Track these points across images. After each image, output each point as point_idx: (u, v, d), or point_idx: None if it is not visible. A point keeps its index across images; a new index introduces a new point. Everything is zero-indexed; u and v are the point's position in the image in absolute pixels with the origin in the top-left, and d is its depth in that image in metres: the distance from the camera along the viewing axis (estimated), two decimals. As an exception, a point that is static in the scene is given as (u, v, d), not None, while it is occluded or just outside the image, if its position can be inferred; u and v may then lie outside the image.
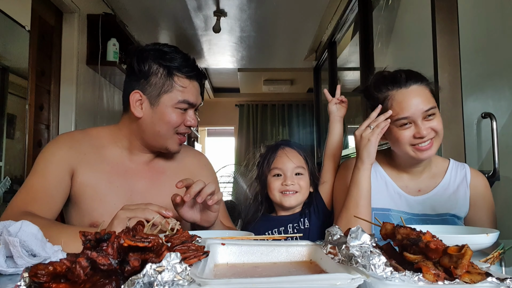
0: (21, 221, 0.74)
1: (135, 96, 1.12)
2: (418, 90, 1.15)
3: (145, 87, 1.12)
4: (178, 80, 1.12)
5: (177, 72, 1.12)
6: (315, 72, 5.00)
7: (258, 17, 3.70)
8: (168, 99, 1.11)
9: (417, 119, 1.13)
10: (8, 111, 2.07)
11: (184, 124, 1.14)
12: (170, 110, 1.11)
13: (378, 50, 2.77)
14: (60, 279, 0.51)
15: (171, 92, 1.11)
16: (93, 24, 3.01)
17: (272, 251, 0.74)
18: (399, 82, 1.16)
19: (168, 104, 1.11)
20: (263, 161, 1.36)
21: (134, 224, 0.83)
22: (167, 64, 1.11)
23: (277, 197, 1.31)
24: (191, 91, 1.14)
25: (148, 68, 1.11)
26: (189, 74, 1.13)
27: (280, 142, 1.40)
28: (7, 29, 2.04)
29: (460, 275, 0.54)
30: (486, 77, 1.63)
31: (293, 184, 1.29)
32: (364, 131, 1.14)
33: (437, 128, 1.14)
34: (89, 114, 3.04)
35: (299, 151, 1.35)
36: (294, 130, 6.94)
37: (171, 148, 1.16)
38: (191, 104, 1.13)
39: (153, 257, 0.54)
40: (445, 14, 1.80)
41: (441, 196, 1.23)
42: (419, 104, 1.12)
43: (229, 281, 0.51)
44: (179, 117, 1.12)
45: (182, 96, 1.11)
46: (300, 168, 1.32)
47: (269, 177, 1.33)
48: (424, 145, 1.14)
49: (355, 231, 0.61)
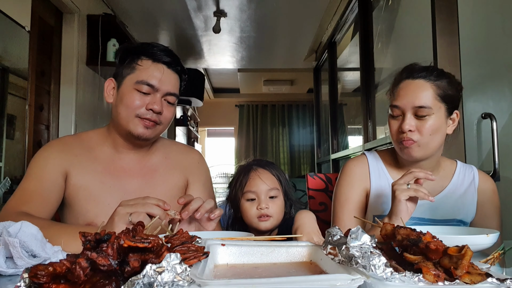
0: (20, 221, 0.74)
1: (108, 84, 1.16)
2: (421, 85, 1.11)
3: (117, 74, 1.16)
4: (141, 62, 1.12)
5: (142, 55, 1.13)
6: (315, 72, 5.00)
7: (258, 17, 3.70)
8: (129, 80, 1.12)
9: (406, 112, 1.10)
10: (8, 112, 2.07)
11: (146, 107, 1.11)
12: (130, 90, 1.11)
13: (378, 50, 2.77)
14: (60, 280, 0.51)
15: (133, 73, 1.12)
16: (93, 25, 3.00)
17: (272, 252, 0.74)
18: (411, 73, 1.14)
19: (128, 85, 1.11)
20: (235, 183, 1.31)
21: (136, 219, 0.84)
22: (135, 49, 1.15)
23: (253, 223, 1.26)
24: (153, 73, 1.11)
25: (120, 57, 1.15)
26: (155, 57, 1.12)
27: (252, 162, 1.35)
28: (7, 29, 2.04)
29: (460, 275, 0.54)
30: (486, 77, 1.63)
31: (267, 207, 1.24)
32: (398, 185, 1.01)
33: (423, 130, 1.09)
34: (89, 114, 3.04)
35: (271, 172, 1.30)
36: (294, 131, 6.95)
37: (133, 131, 1.12)
38: (151, 85, 1.10)
39: (153, 257, 0.54)
40: (445, 14, 1.80)
41: (447, 201, 1.20)
42: (413, 97, 1.10)
43: (229, 281, 0.51)
44: (138, 99, 1.10)
45: (142, 76, 1.10)
46: (274, 190, 1.27)
47: (242, 201, 1.28)
48: (404, 142, 1.11)
49: (355, 232, 0.61)
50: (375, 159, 1.29)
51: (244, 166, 1.34)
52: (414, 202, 1.02)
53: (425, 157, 1.14)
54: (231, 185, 1.35)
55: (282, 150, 6.91)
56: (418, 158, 1.14)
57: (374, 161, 1.28)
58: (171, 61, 1.15)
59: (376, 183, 1.25)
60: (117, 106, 1.13)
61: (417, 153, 1.12)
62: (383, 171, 1.26)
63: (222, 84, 6.67)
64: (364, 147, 2.84)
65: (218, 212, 1.01)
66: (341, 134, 4.14)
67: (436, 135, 1.11)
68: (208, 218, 1.02)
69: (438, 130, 1.11)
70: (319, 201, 1.68)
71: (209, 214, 1.00)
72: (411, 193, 0.99)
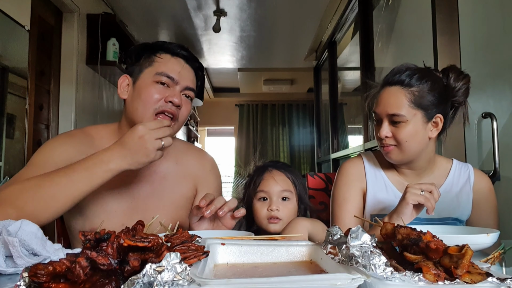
0: (20, 220, 0.73)
1: (123, 80, 1.12)
2: (396, 92, 1.13)
3: (133, 70, 1.12)
4: (159, 55, 1.11)
5: (160, 50, 1.12)
6: (315, 72, 5.00)
7: (258, 16, 3.70)
8: (148, 73, 1.09)
9: (383, 118, 1.14)
10: (7, 111, 2.07)
11: (164, 100, 1.07)
12: (148, 83, 1.07)
13: (378, 50, 2.77)
14: (59, 279, 0.50)
15: (151, 67, 1.09)
16: (93, 24, 3.00)
17: (272, 251, 0.74)
18: (391, 77, 1.16)
19: (147, 78, 1.08)
20: (250, 183, 1.32)
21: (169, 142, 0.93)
22: (152, 45, 1.13)
23: (263, 224, 1.26)
24: (173, 66, 1.10)
25: (136, 54, 1.13)
26: (173, 51, 1.11)
27: (267, 163, 1.35)
28: (7, 29, 2.04)
29: (461, 275, 0.54)
30: (487, 77, 1.63)
31: (277, 209, 1.23)
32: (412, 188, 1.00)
33: (398, 137, 1.12)
34: (88, 114, 3.04)
35: (286, 174, 1.29)
36: (294, 130, 6.94)
37: None
38: (171, 78, 1.08)
39: (153, 257, 0.53)
40: (445, 14, 1.80)
41: (443, 199, 1.19)
42: (387, 105, 1.13)
43: (229, 281, 0.51)
44: (157, 92, 1.06)
45: (161, 68, 1.08)
46: (287, 192, 1.26)
47: (254, 201, 1.28)
48: (384, 147, 1.15)
49: (355, 231, 0.61)
50: (371, 160, 1.30)
51: (260, 167, 1.35)
52: (418, 210, 1.02)
53: (406, 160, 1.17)
54: (246, 185, 1.35)
55: (282, 149, 6.91)
56: (399, 161, 1.17)
57: (370, 161, 1.30)
58: (189, 56, 1.14)
59: (372, 183, 1.26)
60: (133, 101, 1.08)
61: (397, 157, 1.16)
62: (379, 171, 1.27)
63: (222, 84, 6.66)
64: (364, 146, 2.84)
65: (242, 211, 1.00)
66: (341, 133, 4.14)
67: (413, 141, 1.12)
68: (232, 216, 1.00)
69: (414, 136, 1.12)
70: (319, 200, 1.68)
71: (233, 213, 0.99)
72: (421, 200, 0.99)
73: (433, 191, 1.00)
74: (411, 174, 1.24)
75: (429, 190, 1.00)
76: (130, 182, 1.12)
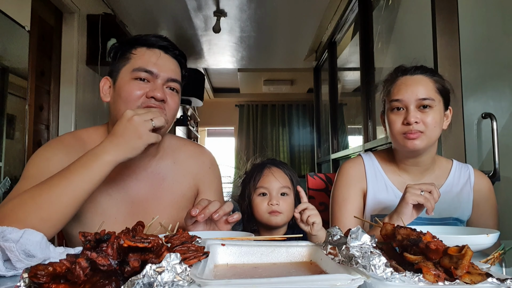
0: (23, 229, 0.72)
1: (104, 83, 1.08)
2: (421, 79, 1.15)
3: (111, 71, 1.08)
4: (134, 51, 1.06)
5: (135, 44, 1.07)
6: (315, 72, 5.00)
7: (258, 17, 3.70)
8: (125, 71, 1.04)
9: (410, 105, 1.13)
10: (7, 112, 2.07)
11: (146, 96, 1.01)
12: (126, 81, 1.02)
13: (378, 50, 2.77)
14: (59, 280, 0.51)
15: (128, 64, 1.05)
16: (93, 24, 3.00)
17: (272, 252, 0.74)
18: (407, 70, 1.18)
19: (124, 76, 1.04)
20: (249, 179, 1.34)
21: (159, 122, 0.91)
22: (127, 41, 1.09)
23: (264, 218, 1.28)
24: (150, 59, 1.04)
25: (114, 54, 1.09)
26: (149, 43, 1.06)
27: (266, 161, 1.38)
28: (7, 29, 2.04)
29: (461, 275, 0.54)
30: (487, 77, 1.63)
31: (277, 204, 1.27)
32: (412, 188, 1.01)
33: (428, 122, 1.12)
34: (89, 114, 3.04)
35: (285, 171, 1.34)
36: (294, 130, 6.94)
37: None
38: (149, 71, 1.02)
39: (153, 257, 0.53)
40: (445, 14, 1.80)
41: (444, 199, 1.20)
42: (416, 91, 1.13)
43: (229, 281, 0.51)
44: (137, 88, 1.01)
45: (137, 63, 1.03)
46: (285, 188, 1.30)
47: (254, 196, 1.31)
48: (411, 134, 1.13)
49: (355, 232, 0.61)
50: (370, 160, 1.30)
51: (259, 164, 1.38)
52: (419, 210, 1.02)
53: (427, 147, 1.16)
54: (244, 182, 1.37)
55: (282, 150, 6.91)
56: (421, 148, 1.15)
57: (370, 161, 1.30)
58: (167, 45, 1.08)
59: (372, 183, 1.26)
60: (115, 102, 1.04)
61: (422, 144, 1.13)
62: (379, 171, 1.27)
63: (222, 84, 6.66)
64: (364, 147, 2.84)
65: (236, 216, 1.00)
66: (341, 134, 4.14)
67: (437, 127, 1.14)
68: (226, 221, 0.99)
69: (439, 123, 1.14)
70: (319, 201, 1.68)
71: (228, 217, 0.99)
72: (420, 200, 0.99)
73: (433, 191, 1.00)
74: (413, 173, 1.24)
75: (429, 190, 1.01)
76: (128, 187, 1.10)
